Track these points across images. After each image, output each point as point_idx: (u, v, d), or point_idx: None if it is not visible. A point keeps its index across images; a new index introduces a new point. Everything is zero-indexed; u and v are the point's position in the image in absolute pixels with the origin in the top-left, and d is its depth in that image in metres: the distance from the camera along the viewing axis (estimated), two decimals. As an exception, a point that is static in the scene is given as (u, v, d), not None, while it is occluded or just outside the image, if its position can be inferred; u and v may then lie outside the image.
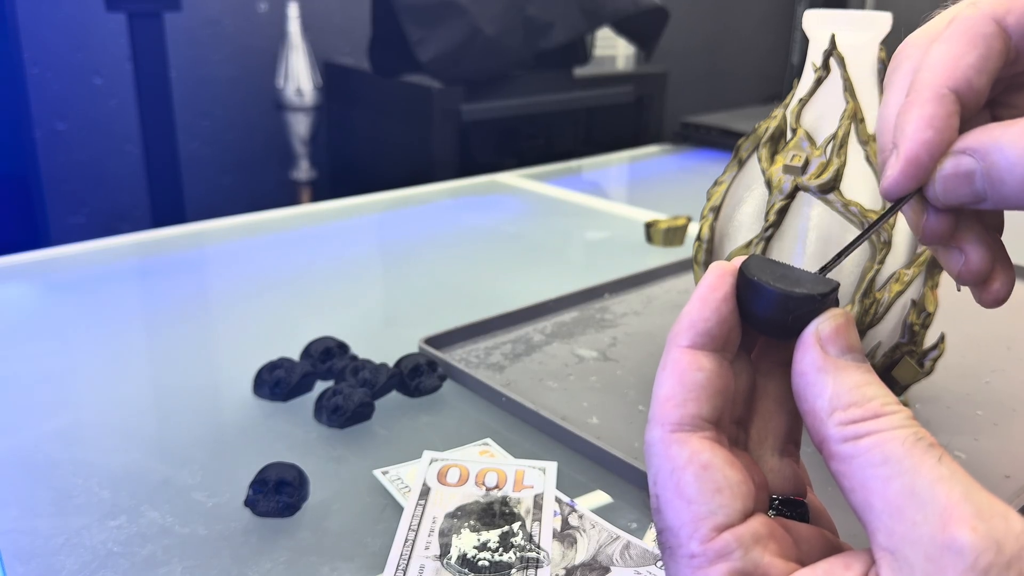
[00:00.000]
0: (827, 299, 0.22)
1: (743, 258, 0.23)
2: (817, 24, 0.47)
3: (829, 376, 0.21)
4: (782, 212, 0.45)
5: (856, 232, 0.45)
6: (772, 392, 0.25)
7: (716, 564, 0.20)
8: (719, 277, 0.23)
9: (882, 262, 0.44)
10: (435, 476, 0.42)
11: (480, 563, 0.36)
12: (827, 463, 0.21)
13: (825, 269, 0.25)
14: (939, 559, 0.18)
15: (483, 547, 0.37)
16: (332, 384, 0.51)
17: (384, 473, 0.43)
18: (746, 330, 0.24)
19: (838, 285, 0.23)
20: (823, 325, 0.22)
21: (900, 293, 0.45)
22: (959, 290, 0.27)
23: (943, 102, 0.23)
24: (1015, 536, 0.18)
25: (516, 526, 0.39)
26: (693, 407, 0.22)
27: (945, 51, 0.23)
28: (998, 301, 0.27)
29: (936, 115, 0.23)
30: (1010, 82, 0.25)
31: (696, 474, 0.21)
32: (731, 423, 0.24)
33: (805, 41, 0.48)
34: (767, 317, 0.23)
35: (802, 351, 0.22)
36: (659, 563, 0.37)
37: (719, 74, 2.83)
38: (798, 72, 0.48)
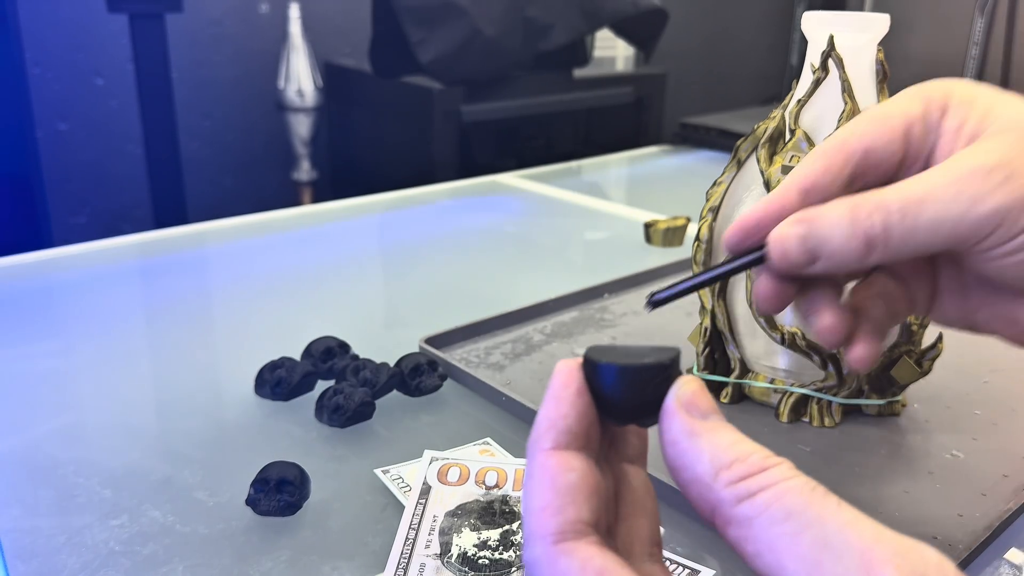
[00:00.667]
0: (675, 365, 0.23)
1: (580, 356, 0.24)
2: (816, 25, 0.47)
3: (702, 439, 0.21)
4: (781, 212, 0.45)
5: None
6: (630, 495, 0.24)
7: None
8: (567, 372, 0.23)
9: (880, 262, 0.44)
10: (435, 475, 0.42)
11: (480, 561, 0.37)
12: (723, 532, 0.20)
13: (656, 304, 0.29)
14: None
15: (483, 545, 0.38)
16: (333, 384, 0.52)
17: (385, 472, 0.44)
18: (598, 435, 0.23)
19: (679, 351, 0.23)
20: (681, 391, 0.22)
21: (898, 293, 0.45)
22: None
23: (788, 197, 0.30)
24: (935, 566, 0.18)
25: (516, 525, 0.39)
26: (572, 512, 0.21)
27: (805, 162, 0.31)
28: (860, 363, 0.32)
29: (775, 202, 0.30)
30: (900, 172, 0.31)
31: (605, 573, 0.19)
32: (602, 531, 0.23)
33: (804, 42, 0.48)
34: (623, 397, 0.22)
35: (668, 420, 0.22)
36: (658, 561, 0.37)
37: (718, 75, 2.83)
38: (797, 73, 0.48)
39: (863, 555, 0.18)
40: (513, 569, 0.36)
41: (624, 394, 0.22)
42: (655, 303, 0.29)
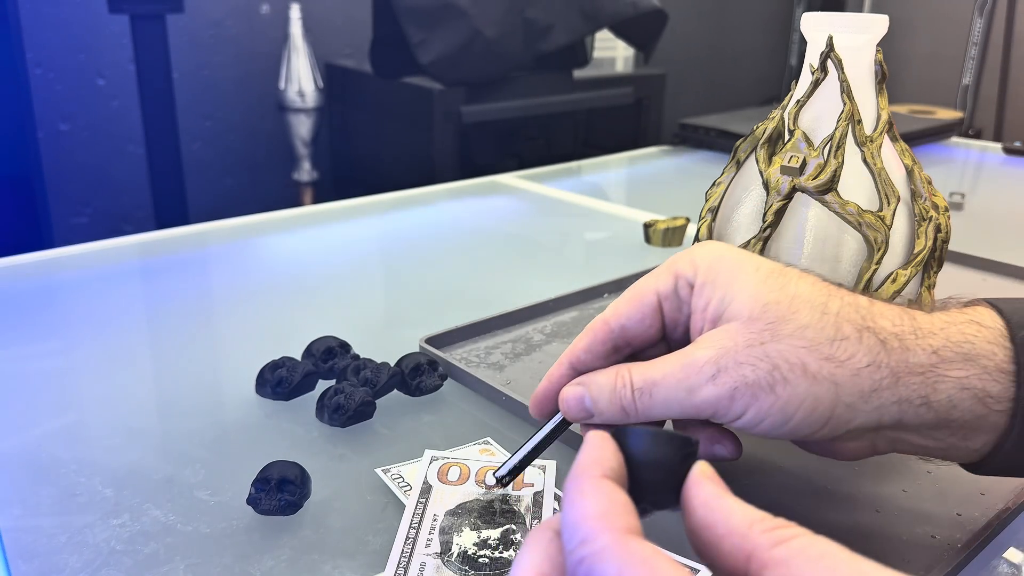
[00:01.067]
0: (698, 444, 0.25)
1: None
2: (815, 26, 0.47)
3: (731, 500, 0.23)
4: (780, 213, 0.46)
5: (851, 230, 0.45)
6: None
7: None
8: (602, 435, 0.25)
9: (879, 263, 0.44)
10: (435, 474, 0.43)
11: (481, 560, 0.37)
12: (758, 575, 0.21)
13: (503, 481, 0.39)
14: None
15: (484, 544, 0.38)
16: (334, 383, 0.52)
17: (385, 472, 0.44)
18: None
19: (698, 440, 0.26)
20: (704, 467, 0.24)
21: (897, 293, 0.45)
22: None
23: (561, 370, 0.39)
24: None
25: (516, 524, 0.39)
26: (633, 520, 0.22)
27: (577, 339, 0.39)
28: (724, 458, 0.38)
29: (555, 375, 0.39)
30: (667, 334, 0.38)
31: (669, 562, 0.21)
32: None
33: (803, 43, 0.49)
34: (654, 461, 0.25)
35: (697, 487, 0.24)
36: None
37: (717, 76, 2.83)
38: (796, 74, 0.49)
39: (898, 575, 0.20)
40: (513, 568, 0.36)
41: (655, 457, 0.24)
42: (504, 483, 0.40)
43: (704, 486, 0.24)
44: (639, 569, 0.21)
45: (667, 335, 0.38)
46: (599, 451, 0.24)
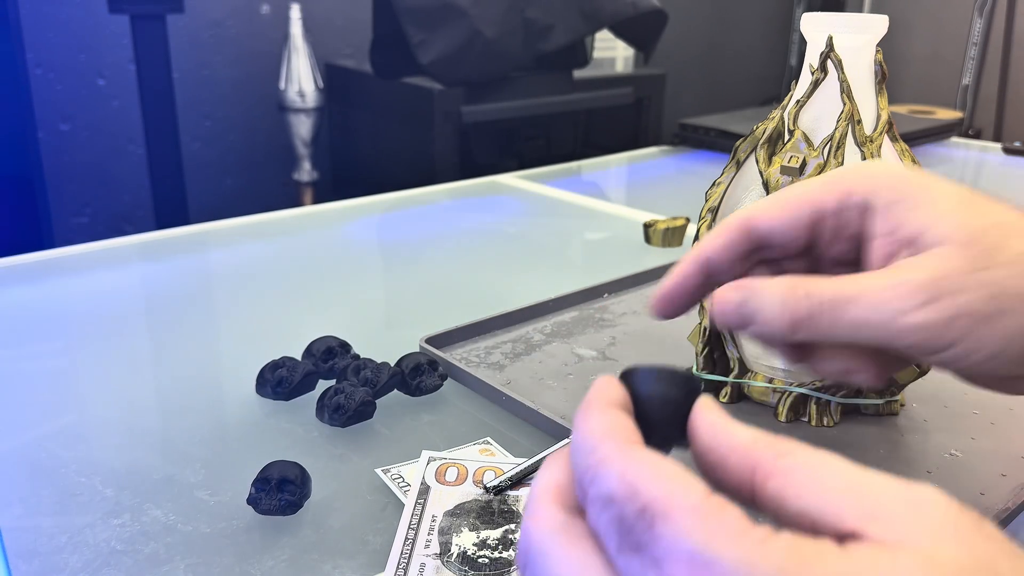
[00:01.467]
0: (701, 381, 0.27)
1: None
2: (814, 27, 0.47)
3: (734, 424, 0.24)
4: (780, 213, 0.46)
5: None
6: None
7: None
8: (609, 376, 0.26)
9: (879, 262, 0.44)
10: (433, 475, 0.43)
11: (480, 560, 0.37)
12: (762, 487, 0.22)
13: (489, 490, 0.40)
14: (918, 507, 0.20)
15: (483, 545, 0.38)
16: (334, 383, 0.52)
17: (385, 472, 0.44)
18: None
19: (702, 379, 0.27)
20: (708, 401, 0.25)
21: (897, 293, 0.45)
22: None
23: (690, 268, 0.34)
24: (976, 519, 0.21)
25: (515, 524, 0.39)
26: (638, 438, 0.23)
27: (709, 235, 0.34)
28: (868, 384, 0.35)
29: (684, 272, 0.34)
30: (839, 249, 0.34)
31: (671, 463, 0.22)
32: None
33: (803, 43, 0.49)
34: (661, 394, 0.25)
35: (702, 415, 0.24)
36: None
37: (717, 76, 2.83)
38: (796, 74, 0.49)
39: (901, 481, 0.21)
40: (512, 568, 0.37)
41: (661, 393, 0.25)
42: (498, 491, 0.41)
43: (709, 414, 0.24)
44: (639, 468, 0.21)
45: (818, 253, 0.34)
46: (605, 389, 0.25)
